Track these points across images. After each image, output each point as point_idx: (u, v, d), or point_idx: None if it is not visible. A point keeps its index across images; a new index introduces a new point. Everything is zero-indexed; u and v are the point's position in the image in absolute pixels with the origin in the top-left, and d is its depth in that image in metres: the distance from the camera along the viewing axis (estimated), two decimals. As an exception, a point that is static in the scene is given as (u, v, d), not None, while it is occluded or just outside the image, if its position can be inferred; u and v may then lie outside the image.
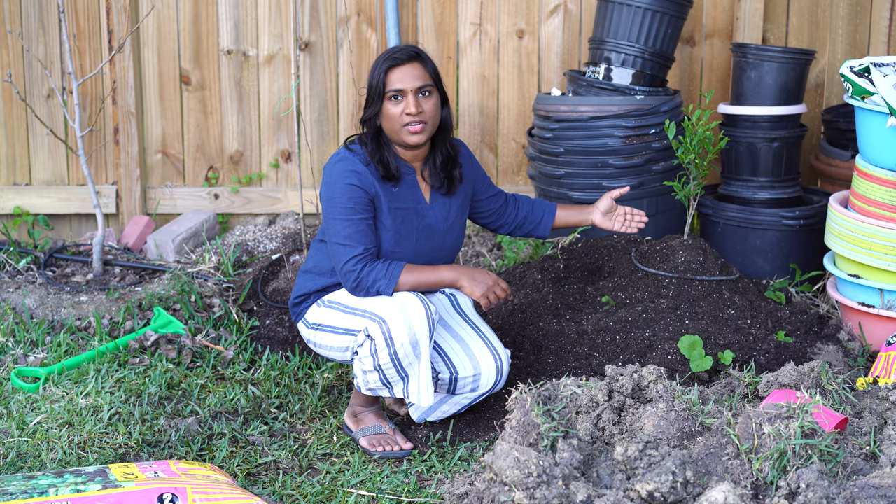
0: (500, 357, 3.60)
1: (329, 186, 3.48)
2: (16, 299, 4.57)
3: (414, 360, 3.39)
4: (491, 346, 3.61)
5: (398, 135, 3.49)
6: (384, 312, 3.37)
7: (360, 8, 5.23)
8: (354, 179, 3.45)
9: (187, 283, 4.69)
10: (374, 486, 3.29)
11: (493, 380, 3.59)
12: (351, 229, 3.43)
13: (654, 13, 4.70)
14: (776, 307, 4.22)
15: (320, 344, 3.57)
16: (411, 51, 3.50)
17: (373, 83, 3.49)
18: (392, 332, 3.34)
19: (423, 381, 3.42)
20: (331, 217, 3.47)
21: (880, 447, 2.91)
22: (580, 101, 4.67)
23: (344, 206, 3.44)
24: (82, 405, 3.79)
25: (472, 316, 3.72)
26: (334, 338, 3.51)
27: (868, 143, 4.16)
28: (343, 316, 3.47)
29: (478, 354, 3.59)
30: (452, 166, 3.62)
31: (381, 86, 3.47)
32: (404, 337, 3.34)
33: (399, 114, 3.46)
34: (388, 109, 3.47)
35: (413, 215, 3.54)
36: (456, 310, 3.72)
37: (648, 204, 4.69)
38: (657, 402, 2.99)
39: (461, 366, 3.58)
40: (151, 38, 5.24)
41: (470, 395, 3.63)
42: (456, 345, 3.61)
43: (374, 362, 3.39)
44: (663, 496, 2.69)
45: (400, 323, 3.34)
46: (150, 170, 5.35)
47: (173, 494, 2.84)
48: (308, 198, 5.14)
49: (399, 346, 3.35)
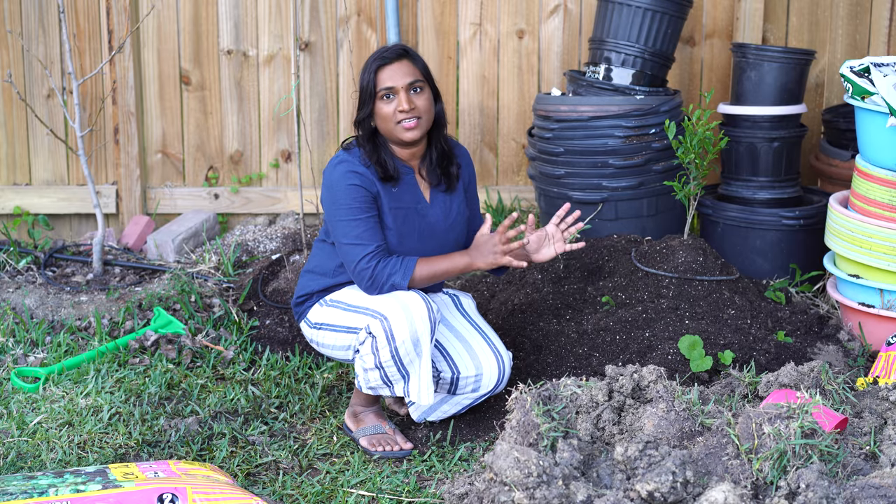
0: (502, 358, 3.60)
1: (331, 189, 3.48)
2: (16, 299, 4.57)
3: (415, 358, 3.39)
4: (493, 346, 3.61)
5: (393, 133, 3.49)
6: (386, 310, 3.37)
7: (360, 8, 5.23)
8: (356, 180, 3.45)
9: (187, 283, 4.69)
10: (374, 486, 3.29)
11: (494, 381, 3.59)
12: (360, 229, 3.43)
13: (654, 13, 4.69)
14: (776, 307, 4.22)
15: (323, 343, 3.57)
16: (399, 49, 3.51)
17: (364, 84, 3.50)
18: (394, 329, 3.34)
19: (424, 379, 3.42)
20: (336, 219, 3.46)
21: (880, 447, 2.91)
22: (580, 101, 4.67)
23: (349, 207, 3.44)
24: (82, 405, 3.79)
25: (475, 316, 3.72)
26: (337, 336, 3.51)
27: (868, 143, 4.16)
28: (345, 314, 3.47)
29: (480, 355, 3.59)
30: (449, 162, 3.61)
31: (372, 86, 3.47)
32: (406, 334, 3.34)
33: (392, 112, 3.46)
34: (381, 109, 3.48)
35: (414, 214, 3.54)
36: (459, 310, 3.72)
37: (648, 204, 4.69)
38: (657, 402, 2.99)
39: (463, 365, 3.58)
40: (151, 38, 5.24)
41: (471, 396, 3.63)
42: (458, 344, 3.61)
43: (375, 360, 3.40)
44: (663, 496, 2.69)
45: (402, 320, 3.34)
46: (150, 170, 5.35)
47: (173, 494, 2.84)
48: (308, 198, 5.14)
49: (400, 344, 3.35)
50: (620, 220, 4.68)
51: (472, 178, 3.73)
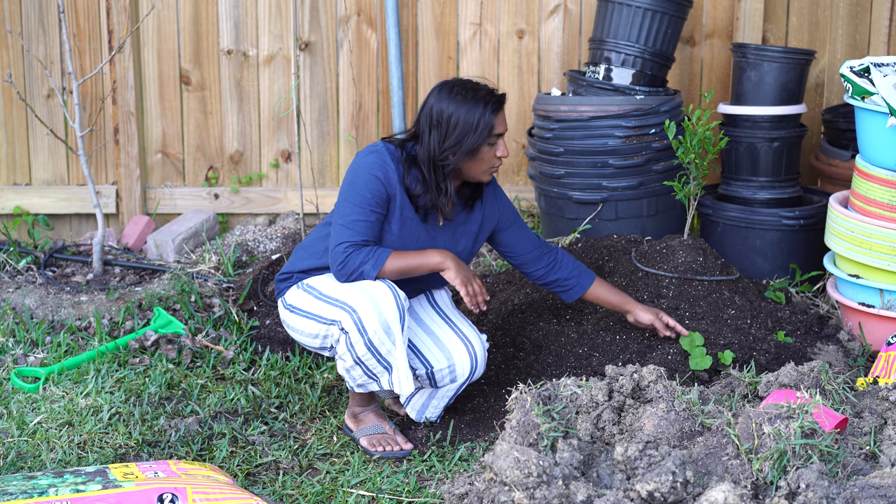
0: (472, 344, 3.61)
1: (354, 172, 3.50)
2: (16, 299, 4.57)
3: (391, 347, 3.39)
4: (462, 334, 3.62)
5: (479, 175, 3.51)
6: (354, 302, 3.38)
7: (360, 8, 5.23)
8: (380, 174, 3.46)
9: (187, 283, 4.69)
10: (374, 486, 3.29)
11: (468, 368, 3.61)
12: (359, 217, 3.44)
13: (654, 13, 4.69)
14: (776, 307, 4.22)
15: (293, 327, 3.58)
16: (504, 95, 3.51)
17: (473, 122, 3.43)
18: (363, 320, 3.36)
19: (402, 369, 3.43)
20: (344, 199, 3.48)
21: (880, 447, 2.91)
22: (580, 101, 4.67)
23: (360, 195, 3.45)
24: (82, 405, 3.79)
25: (446, 309, 3.73)
26: (306, 323, 3.51)
27: (868, 143, 4.16)
28: (316, 302, 3.48)
29: (449, 345, 3.61)
30: (478, 196, 3.63)
31: (488, 128, 3.44)
32: (375, 323, 3.35)
33: (492, 157, 3.48)
34: (486, 151, 3.47)
35: (421, 230, 3.55)
36: (431, 304, 3.74)
37: (648, 204, 4.69)
38: (657, 402, 2.99)
39: (434, 359, 3.60)
40: (151, 38, 5.24)
41: (452, 386, 3.65)
42: (427, 339, 3.63)
43: (353, 356, 3.41)
44: (663, 496, 2.69)
45: (369, 310, 3.35)
46: (150, 170, 5.35)
47: (173, 494, 2.84)
48: (308, 198, 5.14)
49: (373, 334, 3.36)
50: (620, 220, 4.68)
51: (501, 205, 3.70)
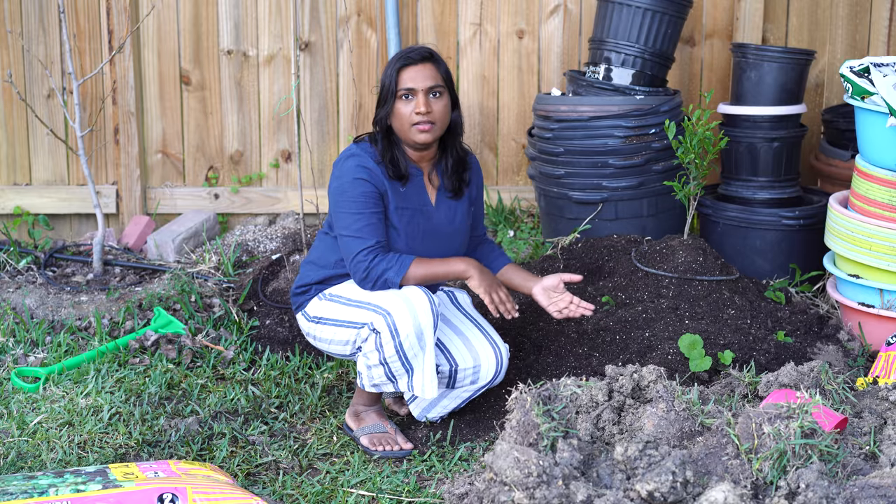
0: (499, 349, 3.62)
1: (339, 181, 3.50)
2: (16, 299, 4.57)
3: (419, 352, 3.39)
4: (490, 338, 3.63)
5: (407, 134, 3.50)
6: (389, 305, 3.38)
7: (360, 8, 5.23)
8: (365, 175, 3.47)
9: (187, 283, 4.69)
10: (374, 486, 3.29)
11: (492, 372, 3.61)
12: (362, 223, 3.45)
13: (654, 13, 4.70)
14: (776, 307, 4.22)
15: (320, 337, 3.57)
16: (425, 51, 3.53)
17: (385, 82, 3.52)
18: (397, 324, 3.35)
19: (428, 373, 3.42)
20: (340, 211, 3.48)
21: (880, 447, 2.91)
22: (580, 101, 4.67)
23: (354, 201, 3.46)
24: (82, 405, 3.79)
25: (471, 311, 3.74)
26: (336, 331, 3.51)
27: (868, 143, 4.16)
28: (346, 309, 3.48)
29: (477, 346, 3.61)
30: (463, 169, 3.64)
31: (393, 84, 3.49)
32: (410, 328, 3.35)
33: (409, 113, 3.48)
34: (399, 108, 3.49)
35: (419, 216, 3.55)
36: (455, 305, 3.74)
37: (648, 204, 4.69)
38: (657, 402, 2.99)
39: (461, 357, 3.59)
40: (151, 38, 5.24)
41: (470, 388, 3.64)
42: (455, 337, 3.63)
43: (379, 356, 3.40)
44: (663, 496, 2.69)
45: (405, 315, 3.35)
46: (150, 170, 5.35)
47: (173, 494, 2.84)
48: (308, 198, 5.14)
49: (405, 338, 3.36)
50: (620, 220, 4.68)
51: (479, 189, 3.76)
